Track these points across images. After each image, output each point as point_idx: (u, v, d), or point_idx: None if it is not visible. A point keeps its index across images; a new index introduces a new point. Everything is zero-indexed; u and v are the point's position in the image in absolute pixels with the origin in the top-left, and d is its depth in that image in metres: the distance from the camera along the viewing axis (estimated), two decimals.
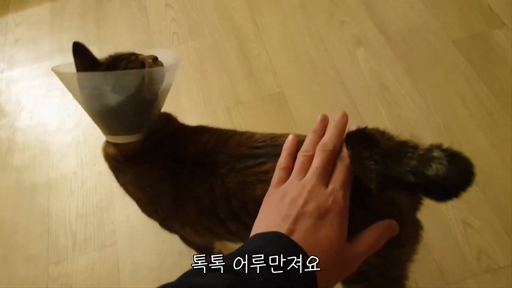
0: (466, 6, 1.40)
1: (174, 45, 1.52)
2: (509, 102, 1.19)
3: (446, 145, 0.45)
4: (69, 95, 1.52)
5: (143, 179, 0.72)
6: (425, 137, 1.15)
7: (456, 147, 0.44)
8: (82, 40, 1.60)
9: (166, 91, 0.73)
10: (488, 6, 1.39)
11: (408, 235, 0.55)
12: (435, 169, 0.43)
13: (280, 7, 1.54)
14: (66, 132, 1.37)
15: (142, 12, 1.64)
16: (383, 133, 0.50)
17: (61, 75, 0.67)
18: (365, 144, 0.48)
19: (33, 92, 1.49)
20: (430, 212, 1.05)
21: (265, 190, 0.57)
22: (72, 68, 0.69)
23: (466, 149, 1.16)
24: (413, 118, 1.21)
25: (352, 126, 0.55)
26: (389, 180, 0.46)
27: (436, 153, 0.44)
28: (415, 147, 0.46)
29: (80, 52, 0.69)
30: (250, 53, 1.44)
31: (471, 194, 1.06)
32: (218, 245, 1.04)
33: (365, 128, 0.52)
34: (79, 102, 0.70)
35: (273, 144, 0.62)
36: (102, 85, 0.66)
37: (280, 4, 1.55)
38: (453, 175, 0.43)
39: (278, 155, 0.55)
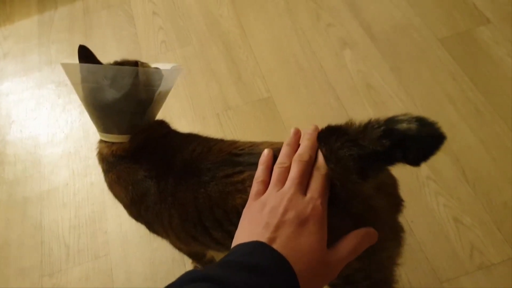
0: (450, 4, 1.41)
1: (162, 53, 1.52)
2: (496, 98, 1.20)
3: None
4: (59, 107, 1.51)
5: (127, 177, 0.73)
6: None
7: (444, 144, 0.45)
8: (70, 51, 1.60)
9: (163, 96, 0.75)
10: (473, 4, 1.40)
11: (387, 238, 0.55)
12: (406, 126, 0.44)
13: (266, 11, 1.55)
14: (57, 144, 1.37)
15: (130, 21, 1.64)
16: (351, 123, 0.50)
17: (66, 67, 0.72)
18: (335, 136, 0.49)
19: (23, 105, 1.49)
20: (421, 210, 1.06)
21: (244, 200, 0.58)
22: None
23: (455, 147, 1.17)
24: None
25: None
26: (366, 162, 0.46)
27: (401, 117, 0.45)
28: (378, 120, 0.47)
29: (85, 57, 0.73)
30: (238, 59, 1.45)
31: (462, 191, 1.07)
32: (210, 251, 1.05)
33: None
34: (80, 97, 0.74)
35: (250, 152, 0.63)
36: (101, 78, 0.69)
37: (266, 9, 1.56)
38: (426, 130, 0.44)
39: (255, 163, 0.56)
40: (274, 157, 0.55)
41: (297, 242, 0.45)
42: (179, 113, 1.37)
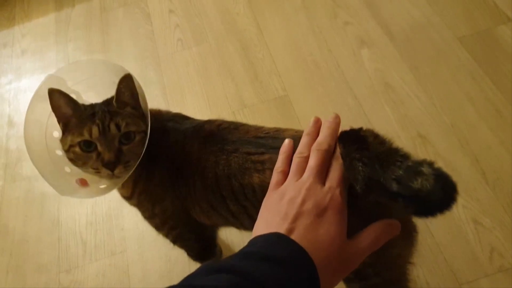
0: (470, 3, 1.39)
1: (178, 51, 1.53)
2: None
3: (454, 144, 0.45)
4: None
5: (160, 149, 0.75)
6: (432, 136, 1.14)
7: (464, 145, 0.44)
8: (87, 49, 1.60)
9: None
10: (493, 2, 1.37)
11: (397, 236, 0.55)
12: (420, 183, 0.43)
13: (283, 9, 1.54)
14: None
15: (146, 19, 1.65)
16: (376, 136, 0.51)
17: None
18: (356, 145, 0.49)
19: None
20: None
21: (261, 180, 0.59)
22: None
23: (474, 147, 1.15)
24: (419, 117, 1.20)
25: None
26: (374, 183, 0.46)
27: (424, 169, 0.44)
28: (405, 156, 0.46)
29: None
30: (254, 57, 1.45)
31: (481, 192, 1.05)
32: (225, 252, 1.05)
33: (360, 130, 0.53)
34: None
35: (275, 136, 0.64)
36: None
37: (283, 7, 1.55)
38: (435, 195, 0.43)
39: (278, 148, 0.57)
40: (295, 147, 0.55)
41: (315, 233, 0.46)
42: (195, 112, 1.36)
